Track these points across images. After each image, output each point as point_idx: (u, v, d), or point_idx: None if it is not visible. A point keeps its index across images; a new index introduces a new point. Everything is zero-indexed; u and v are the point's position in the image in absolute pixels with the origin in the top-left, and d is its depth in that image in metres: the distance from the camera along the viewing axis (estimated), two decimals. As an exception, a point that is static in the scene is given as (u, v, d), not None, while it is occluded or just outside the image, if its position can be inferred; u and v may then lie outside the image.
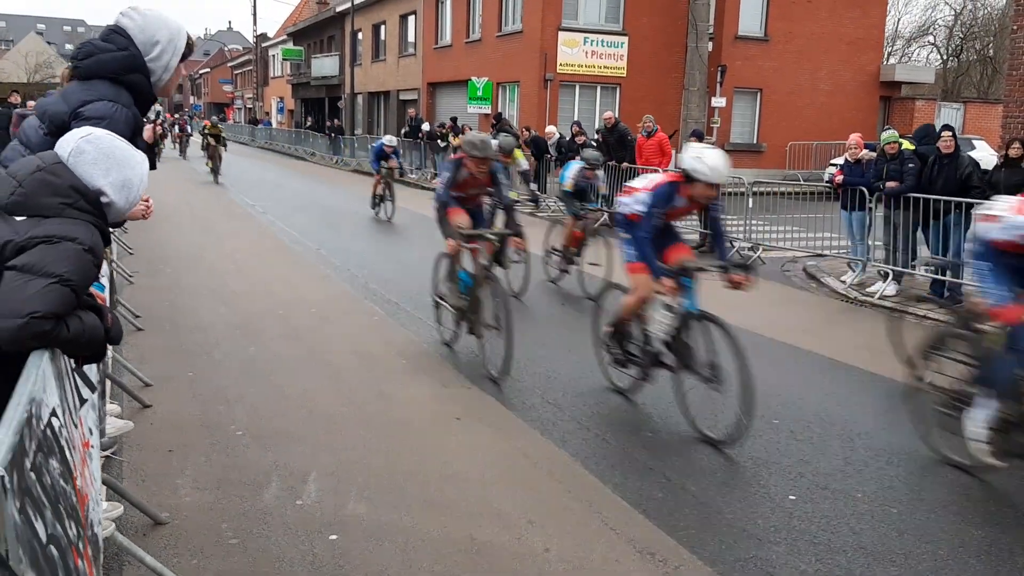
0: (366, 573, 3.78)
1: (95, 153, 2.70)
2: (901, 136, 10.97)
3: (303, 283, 10.30)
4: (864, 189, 10.94)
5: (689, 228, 15.01)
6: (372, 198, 17.25)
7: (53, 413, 2.20)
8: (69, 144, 2.70)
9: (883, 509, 4.57)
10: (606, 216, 10.77)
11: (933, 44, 52.08)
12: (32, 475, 1.86)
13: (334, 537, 4.08)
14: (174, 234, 13.95)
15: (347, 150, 34.37)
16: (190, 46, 3.50)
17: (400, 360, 7.11)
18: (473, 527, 4.23)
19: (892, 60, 45.05)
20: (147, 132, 4.17)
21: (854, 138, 11.61)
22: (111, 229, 3.57)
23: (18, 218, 2.48)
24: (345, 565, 3.84)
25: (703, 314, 5.57)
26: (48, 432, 2.11)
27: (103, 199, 2.69)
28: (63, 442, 2.23)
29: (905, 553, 4.10)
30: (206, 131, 26.35)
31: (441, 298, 7.57)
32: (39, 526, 1.80)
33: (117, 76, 3.21)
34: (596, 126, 22.04)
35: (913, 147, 10.47)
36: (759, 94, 27.69)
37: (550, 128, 20.66)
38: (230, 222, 16.14)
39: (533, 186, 14.48)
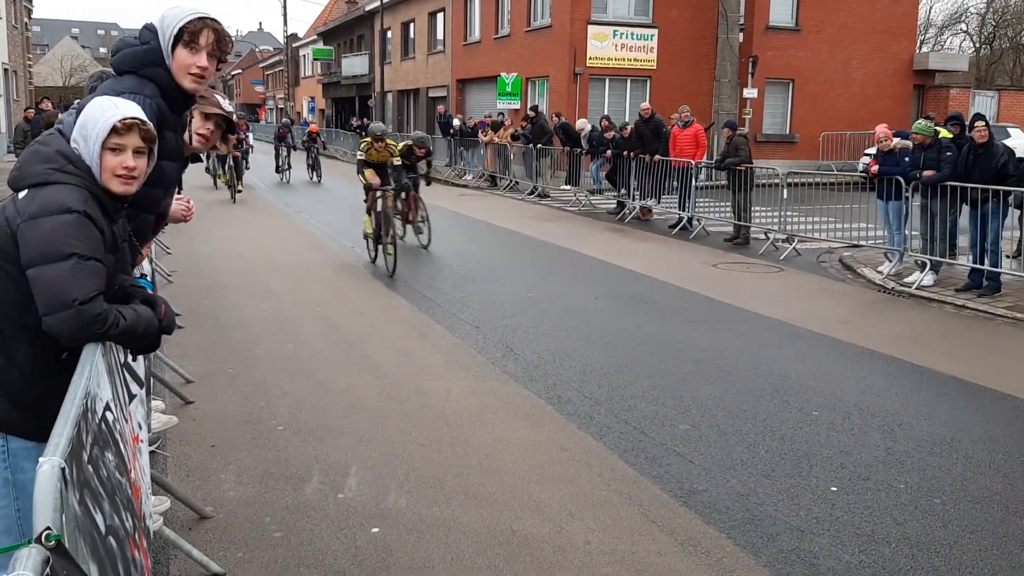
0: (409, 566, 3.81)
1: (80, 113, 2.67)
2: (938, 125, 10.79)
3: (339, 280, 10.38)
4: (900, 178, 10.82)
5: (723, 221, 14.92)
6: None
7: (107, 407, 2.24)
8: None
9: (926, 500, 4.53)
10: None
11: (965, 32, 51.33)
12: (89, 467, 1.90)
13: (376, 530, 4.11)
14: (212, 233, 14.09)
15: (377, 148, 34.51)
16: (191, 32, 3.16)
17: (436, 355, 7.15)
18: (514, 520, 4.24)
19: (924, 48, 44.41)
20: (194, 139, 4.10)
21: (881, 130, 11.47)
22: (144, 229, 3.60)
23: (21, 195, 2.48)
24: (388, 558, 3.87)
25: None
26: (103, 426, 2.15)
27: (75, 148, 2.59)
28: (117, 436, 2.27)
29: (949, 544, 4.06)
30: (364, 156, 11.46)
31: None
32: (98, 518, 1.83)
33: (137, 70, 3.23)
34: (626, 119, 21.97)
35: (951, 135, 10.30)
36: (791, 84, 27.42)
37: (581, 122, 20.60)
38: (266, 220, 16.28)
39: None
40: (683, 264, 11.91)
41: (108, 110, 2.59)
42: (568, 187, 20.39)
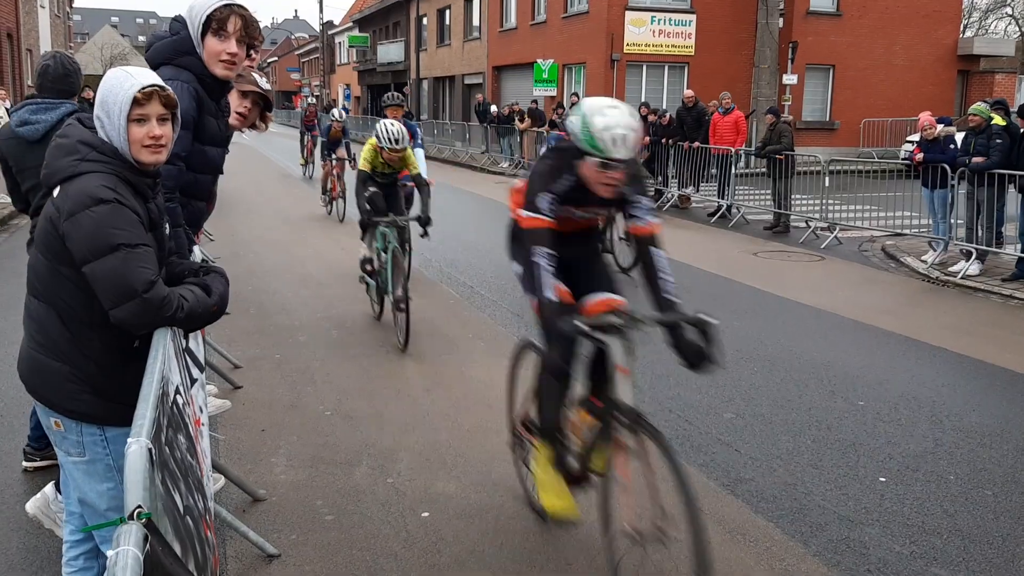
0: (460, 550, 3.85)
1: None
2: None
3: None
4: (946, 166, 10.66)
5: (762, 209, 14.79)
6: None
7: (177, 391, 2.30)
8: None
9: (977, 491, 4.49)
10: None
11: (1011, 16, 50.25)
12: (167, 449, 1.95)
13: (426, 515, 4.16)
14: (252, 218, 14.25)
15: (414, 135, 34.58)
16: (219, 20, 3.28)
17: (478, 342, 7.18)
18: (561, 506, 4.26)
19: (968, 33, 43.58)
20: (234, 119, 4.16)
21: (925, 118, 11.28)
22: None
23: (55, 192, 2.48)
24: (438, 542, 3.92)
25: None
26: (175, 409, 2.20)
27: (97, 126, 2.56)
28: (187, 419, 2.32)
29: (1002, 536, 4.02)
30: None
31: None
32: (176, 497, 1.88)
33: (172, 60, 3.29)
34: (663, 106, 21.81)
35: (1004, 122, 10.10)
36: (832, 70, 27.07)
37: None
38: (304, 207, 16.41)
39: None
40: (723, 252, 11.84)
41: (125, 82, 2.51)
42: (605, 174, 20.30)
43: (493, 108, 27.06)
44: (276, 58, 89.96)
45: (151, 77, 2.54)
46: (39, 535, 3.90)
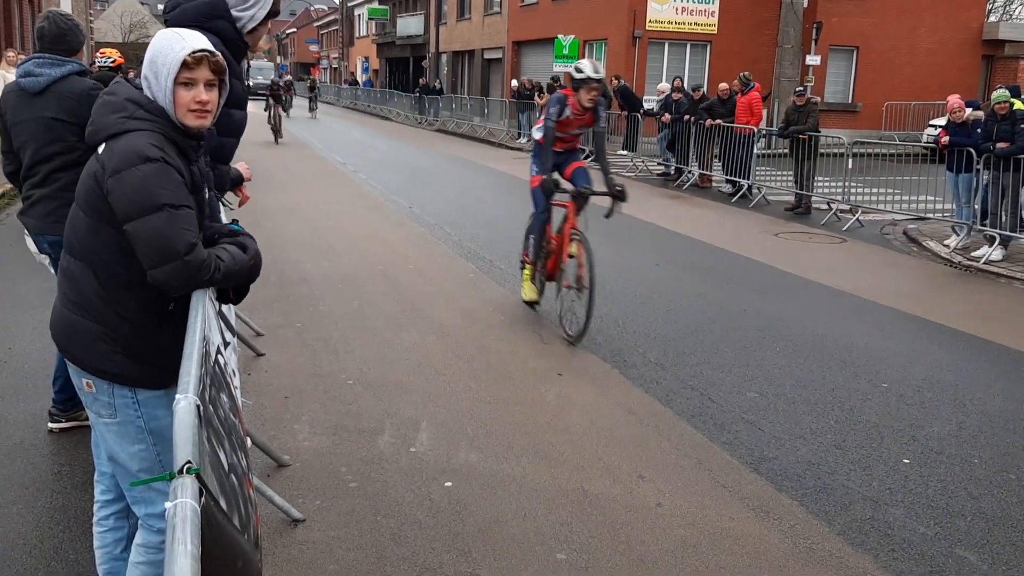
0: (483, 519, 3.87)
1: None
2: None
3: (399, 240, 10.44)
4: (972, 150, 10.55)
5: (783, 190, 14.69)
6: None
7: (218, 351, 2.30)
8: None
9: (1002, 475, 4.47)
10: None
11: (1039, 0, 49.49)
12: (211, 408, 1.95)
13: (449, 484, 4.18)
14: (272, 191, 14.25)
15: (431, 109, 34.48)
16: (277, 3, 3.49)
17: (499, 316, 7.18)
18: (584, 479, 4.28)
19: (992, 18, 43.00)
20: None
21: (954, 100, 11.17)
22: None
23: (100, 149, 2.46)
24: (462, 511, 3.93)
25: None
26: (216, 368, 2.20)
27: (144, 86, 2.54)
28: (228, 378, 2.33)
29: (1027, 520, 4.01)
30: None
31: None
32: (221, 455, 1.89)
33: (200, 23, 3.27)
34: (685, 85, 21.59)
35: (1025, 107, 10.00)
36: (855, 52, 26.79)
37: (663, 85, 20.05)
38: (324, 180, 16.41)
39: None
40: (744, 232, 11.78)
41: (176, 44, 2.49)
42: (625, 152, 20.21)
43: (514, 82, 26.92)
44: (295, 29, 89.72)
45: (202, 41, 2.52)
46: (67, 495, 3.94)
